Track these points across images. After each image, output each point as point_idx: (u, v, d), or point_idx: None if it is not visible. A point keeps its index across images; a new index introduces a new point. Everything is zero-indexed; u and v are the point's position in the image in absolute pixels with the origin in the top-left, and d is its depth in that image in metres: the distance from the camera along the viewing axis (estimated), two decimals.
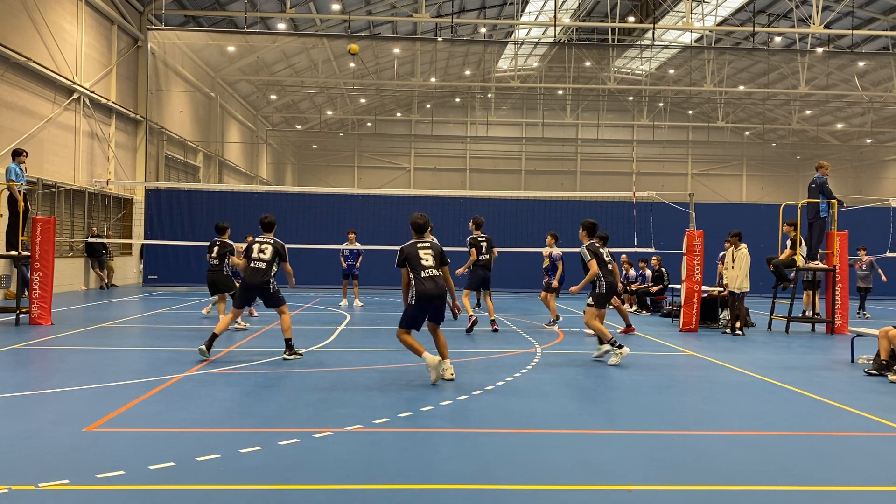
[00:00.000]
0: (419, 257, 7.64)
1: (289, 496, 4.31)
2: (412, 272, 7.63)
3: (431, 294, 7.60)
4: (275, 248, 9.22)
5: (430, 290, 7.60)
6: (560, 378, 8.26)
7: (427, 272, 7.63)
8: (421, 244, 7.78)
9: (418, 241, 7.82)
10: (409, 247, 7.76)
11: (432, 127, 48.01)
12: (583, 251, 9.54)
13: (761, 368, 9.12)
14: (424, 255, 7.67)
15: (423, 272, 7.61)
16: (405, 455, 5.10)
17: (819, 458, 5.33)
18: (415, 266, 7.62)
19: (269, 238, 9.37)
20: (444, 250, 7.94)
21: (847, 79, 38.71)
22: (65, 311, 14.48)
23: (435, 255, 7.74)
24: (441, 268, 7.75)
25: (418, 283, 7.58)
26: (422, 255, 7.66)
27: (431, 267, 7.67)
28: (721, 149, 50.62)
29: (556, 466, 4.96)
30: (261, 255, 9.10)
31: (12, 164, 12.49)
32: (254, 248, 9.16)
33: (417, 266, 7.61)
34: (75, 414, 6.09)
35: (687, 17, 27.46)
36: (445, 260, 7.79)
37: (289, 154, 51.06)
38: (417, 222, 7.93)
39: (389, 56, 38.46)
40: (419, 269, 7.61)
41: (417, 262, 7.63)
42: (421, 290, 7.58)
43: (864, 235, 19.89)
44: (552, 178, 48.36)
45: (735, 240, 13.25)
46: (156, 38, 26.30)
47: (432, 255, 7.72)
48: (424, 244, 7.78)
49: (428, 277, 7.61)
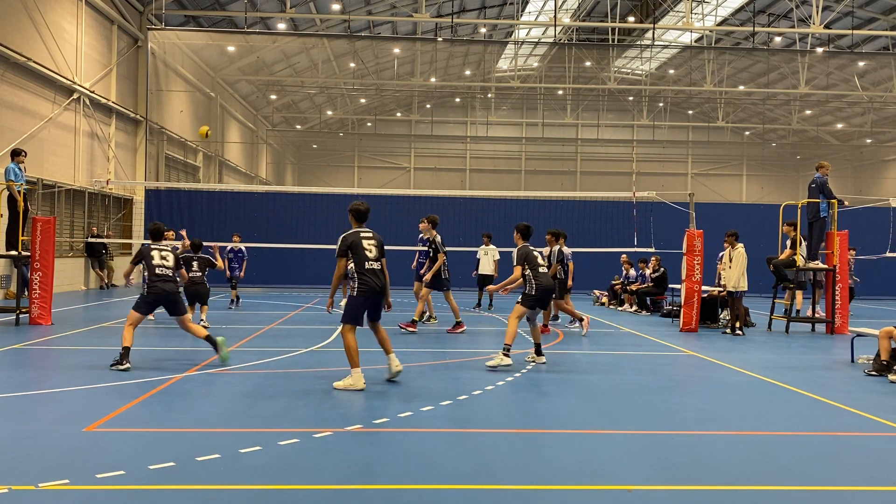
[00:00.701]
0: (364, 247, 7.37)
1: (289, 496, 4.31)
2: (355, 263, 7.36)
3: (375, 287, 7.36)
4: (174, 255, 8.83)
5: (374, 282, 7.35)
6: (560, 378, 8.26)
7: (370, 264, 7.37)
8: (364, 234, 7.49)
9: (361, 231, 7.51)
10: (352, 235, 7.44)
11: (432, 127, 48.01)
12: (514, 254, 9.31)
13: (761, 368, 9.12)
14: (368, 245, 7.40)
15: (367, 263, 7.35)
16: (405, 455, 5.10)
17: (819, 458, 5.33)
18: (359, 256, 7.34)
19: (166, 245, 9.02)
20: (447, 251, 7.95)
21: (847, 79, 38.70)
22: (65, 311, 14.48)
23: (378, 246, 7.50)
24: (382, 259, 7.54)
25: (361, 274, 7.31)
26: (366, 244, 7.39)
27: (375, 259, 7.42)
28: (721, 149, 50.61)
29: (556, 466, 4.96)
30: (164, 263, 8.60)
31: (11, 165, 12.49)
32: (155, 256, 8.61)
33: (362, 256, 7.34)
34: (75, 414, 6.09)
35: (687, 17, 27.46)
36: (384, 252, 7.59)
37: (289, 154, 51.05)
38: (360, 209, 7.61)
39: (389, 56, 38.46)
40: (364, 260, 7.33)
41: (362, 251, 7.35)
42: (364, 281, 7.33)
43: (865, 235, 19.91)
44: (552, 178, 48.36)
45: (731, 239, 13.24)
46: (156, 38, 26.30)
47: (375, 246, 7.47)
48: (367, 234, 7.52)
49: (371, 270, 7.37)
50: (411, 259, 18.32)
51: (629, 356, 10.11)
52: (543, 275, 9.07)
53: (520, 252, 9.13)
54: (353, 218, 7.59)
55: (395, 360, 7.67)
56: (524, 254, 9.09)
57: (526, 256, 9.05)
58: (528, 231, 9.36)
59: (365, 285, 7.34)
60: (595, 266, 21.75)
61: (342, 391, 7.20)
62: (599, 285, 20.92)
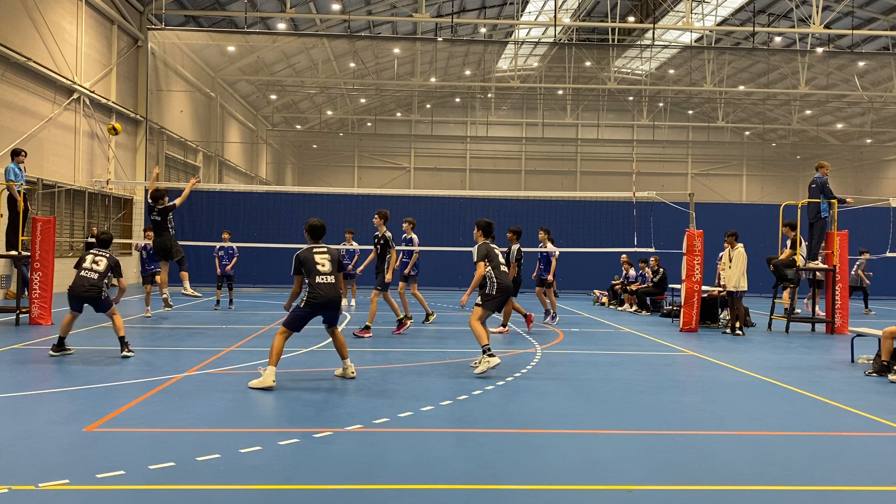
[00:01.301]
0: (315, 262, 7.60)
1: (289, 496, 4.31)
2: (307, 278, 7.60)
3: (325, 298, 7.53)
4: (108, 263, 9.40)
5: (324, 294, 7.52)
6: (560, 378, 8.25)
7: (322, 277, 7.57)
8: (317, 249, 7.72)
9: (314, 247, 7.76)
10: (304, 252, 7.70)
11: (432, 127, 48.00)
12: (473, 252, 8.88)
13: (761, 368, 9.12)
14: (321, 259, 7.63)
15: (318, 277, 7.55)
16: (405, 455, 5.10)
17: (819, 458, 5.33)
18: (310, 271, 7.57)
19: (106, 252, 9.56)
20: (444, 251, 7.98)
21: (847, 79, 38.70)
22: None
23: (332, 261, 7.69)
24: (337, 273, 7.70)
25: (312, 288, 7.54)
26: (318, 259, 7.62)
27: (328, 273, 7.60)
28: (721, 149, 50.60)
29: (556, 466, 4.96)
30: (94, 266, 9.29)
31: (11, 164, 12.49)
32: (87, 259, 9.34)
33: (313, 271, 7.56)
34: (75, 414, 6.09)
35: (687, 17, 27.46)
36: (342, 265, 7.80)
37: (289, 154, 51.05)
38: (314, 226, 7.87)
39: (389, 56, 38.45)
40: (315, 274, 7.56)
41: (313, 266, 7.58)
42: (314, 294, 7.51)
43: (865, 235, 19.91)
44: (552, 178, 48.35)
45: (731, 239, 13.25)
46: (156, 38, 26.30)
47: (329, 260, 7.67)
48: (321, 249, 7.74)
49: (323, 283, 7.55)
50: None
51: (629, 356, 10.11)
52: (504, 274, 8.74)
53: (480, 248, 8.79)
54: (309, 235, 7.85)
55: (350, 365, 7.90)
56: (486, 250, 8.75)
57: (487, 253, 8.73)
58: (490, 228, 9.03)
59: (315, 298, 7.51)
60: (595, 266, 21.77)
61: (342, 391, 7.19)
62: (599, 285, 20.93)
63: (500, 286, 8.60)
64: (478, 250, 8.74)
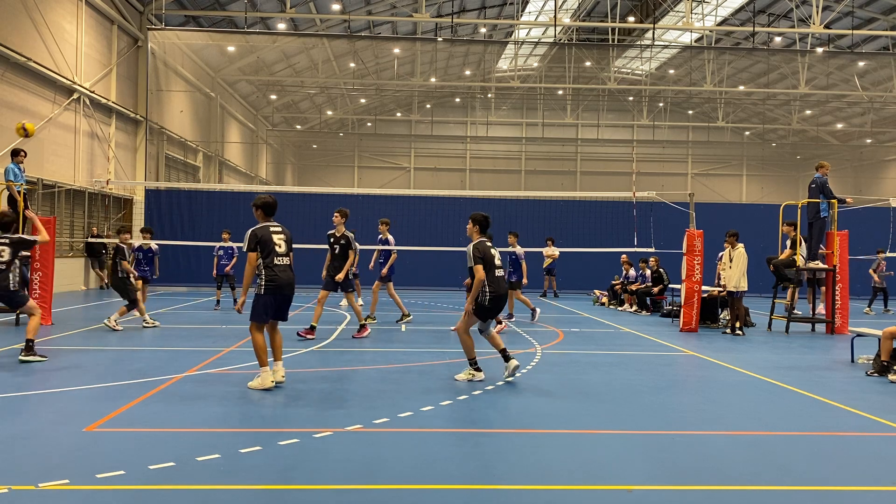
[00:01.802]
0: (273, 241, 7.10)
1: (289, 496, 4.31)
2: (264, 258, 7.07)
3: (284, 281, 7.10)
4: (12, 247, 8.60)
5: (284, 278, 7.10)
6: (560, 378, 8.25)
7: (280, 259, 7.11)
8: (273, 228, 7.23)
9: (270, 225, 7.25)
10: (261, 229, 7.15)
11: (432, 127, 48.01)
12: (468, 252, 7.73)
13: (761, 368, 9.12)
14: (278, 239, 7.14)
15: (277, 258, 7.08)
16: (405, 455, 5.10)
17: (819, 458, 5.33)
18: (268, 251, 7.05)
19: (6, 238, 8.73)
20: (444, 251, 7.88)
21: (847, 79, 38.70)
22: (65, 311, 14.48)
23: (287, 241, 7.25)
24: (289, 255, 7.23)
25: (269, 270, 7.03)
26: (275, 239, 7.13)
27: (284, 254, 7.15)
28: (721, 149, 50.61)
29: (556, 466, 4.96)
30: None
31: (11, 164, 12.49)
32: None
33: (271, 251, 7.06)
34: (75, 414, 6.09)
35: (687, 17, 27.46)
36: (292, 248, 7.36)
37: (289, 154, 51.06)
38: (268, 203, 7.30)
39: (389, 56, 38.45)
40: (273, 254, 7.06)
41: (272, 246, 7.08)
42: (272, 277, 7.03)
43: (865, 235, 19.90)
44: (552, 178, 48.35)
45: (732, 240, 13.24)
46: (156, 38, 26.30)
47: (284, 241, 7.21)
48: (276, 228, 7.26)
49: (281, 265, 7.11)
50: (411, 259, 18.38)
51: (629, 356, 10.11)
52: (500, 280, 7.70)
53: (476, 249, 7.65)
54: (262, 212, 7.30)
55: (281, 370, 7.38)
56: (482, 251, 7.63)
57: (483, 254, 7.62)
58: (487, 222, 7.91)
59: (273, 282, 7.06)
60: (595, 266, 21.77)
61: (342, 391, 7.19)
62: (599, 285, 20.93)
63: (493, 295, 7.59)
64: (473, 251, 7.65)
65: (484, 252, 7.67)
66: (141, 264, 14.05)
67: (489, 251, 7.71)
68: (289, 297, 7.27)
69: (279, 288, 7.08)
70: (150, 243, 14.05)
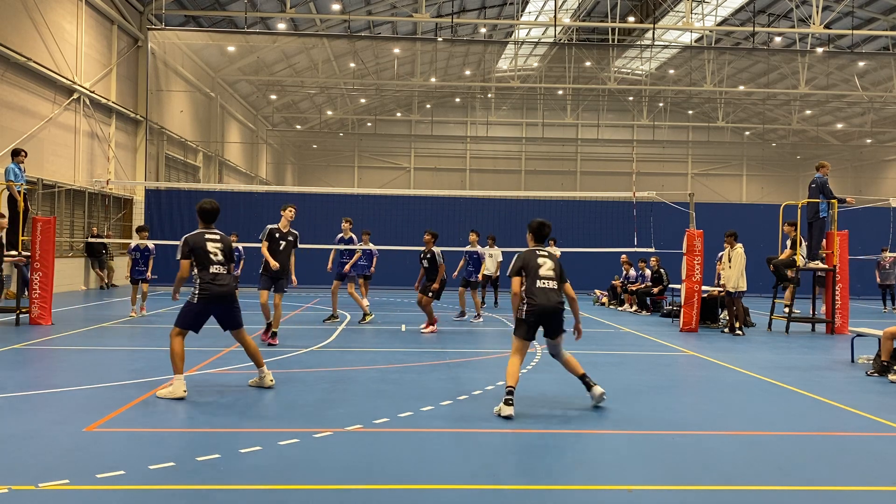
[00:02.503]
0: (208, 250, 6.83)
1: (289, 496, 4.31)
2: (197, 268, 6.83)
3: (219, 293, 6.80)
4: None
5: (218, 289, 6.81)
6: (560, 378, 8.25)
7: (216, 267, 6.84)
8: (210, 235, 6.97)
9: (206, 232, 7.00)
10: (195, 237, 6.91)
11: (432, 127, 48.01)
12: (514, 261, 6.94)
13: (761, 368, 9.12)
14: (213, 248, 6.87)
15: (212, 267, 6.81)
16: (405, 455, 5.10)
17: (819, 458, 5.33)
18: (201, 261, 6.81)
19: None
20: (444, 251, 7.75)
21: (847, 79, 38.70)
22: (65, 311, 14.48)
23: (224, 250, 6.95)
24: (229, 265, 6.96)
25: (202, 279, 6.79)
26: (209, 247, 6.86)
27: (220, 263, 6.87)
28: (721, 149, 50.61)
29: (556, 466, 4.96)
30: None
31: (11, 164, 12.49)
32: None
33: (206, 259, 6.80)
34: (75, 414, 6.09)
35: (687, 17, 27.46)
36: (233, 257, 7.02)
37: (289, 154, 51.06)
38: (205, 209, 7.05)
39: (389, 56, 38.45)
40: (208, 263, 6.81)
41: (206, 254, 6.81)
42: (205, 287, 6.76)
43: (865, 235, 19.92)
44: (552, 178, 48.36)
45: (731, 240, 13.25)
46: (156, 38, 26.30)
47: (221, 250, 6.92)
48: (213, 235, 7.00)
49: (217, 274, 6.82)
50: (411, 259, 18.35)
51: (629, 356, 10.11)
52: (542, 291, 6.69)
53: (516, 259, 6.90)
54: (200, 218, 7.07)
55: (268, 373, 7.20)
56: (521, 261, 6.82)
57: (523, 264, 6.80)
58: (542, 230, 7.06)
59: (207, 291, 6.78)
60: (595, 266, 21.76)
61: (342, 391, 7.19)
62: (600, 285, 20.93)
63: (532, 308, 6.65)
64: (514, 260, 6.93)
65: (524, 262, 6.82)
66: (138, 264, 13.95)
67: (532, 261, 6.81)
68: (227, 308, 6.92)
69: (213, 298, 6.78)
70: (147, 243, 14.04)
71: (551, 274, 6.78)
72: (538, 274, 6.74)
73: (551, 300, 6.70)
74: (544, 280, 6.74)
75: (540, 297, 6.66)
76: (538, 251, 6.91)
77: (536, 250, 6.92)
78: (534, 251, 6.90)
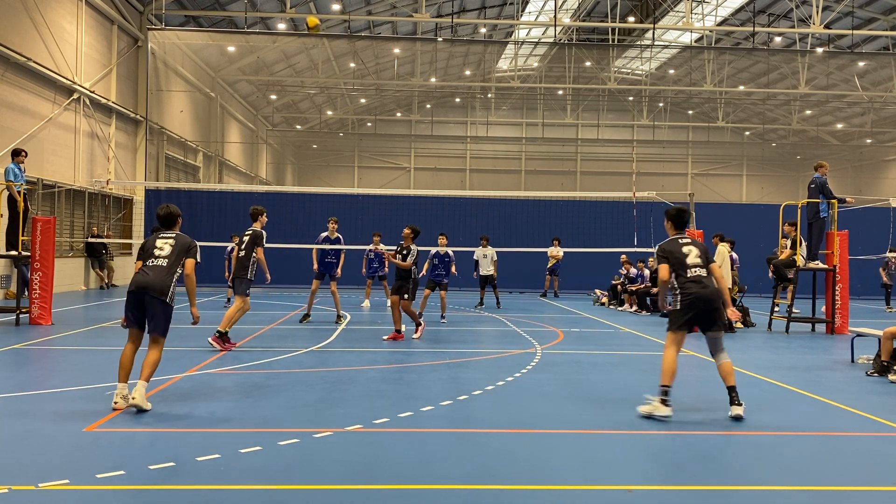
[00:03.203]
0: (154, 246, 6.67)
1: (289, 496, 4.31)
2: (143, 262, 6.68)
3: (141, 283, 6.42)
4: None
5: (138, 277, 6.48)
6: (560, 378, 8.25)
7: (154, 261, 6.57)
8: (163, 235, 6.80)
9: (161, 233, 6.85)
10: (149, 239, 6.86)
11: (432, 127, 48.01)
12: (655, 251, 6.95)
13: (761, 368, 9.12)
14: (161, 243, 6.67)
15: (151, 261, 6.58)
16: (405, 455, 5.10)
17: (819, 458, 5.33)
18: (146, 256, 6.65)
19: None
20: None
21: (847, 79, 38.70)
22: (65, 311, 14.48)
23: (174, 246, 6.65)
24: (175, 260, 6.62)
25: (140, 271, 6.57)
26: (158, 243, 6.68)
27: (160, 256, 6.59)
28: (721, 149, 50.62)
29: (556, 466, 4.96)
30: None
31: (11, 165, 12.49)
32: None
33: (149, 256, 6.63)
34: (75, 414, 6.09)
35: (687, 17, 27.46)
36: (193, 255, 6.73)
37: (289, 154, 51.06)
38: (159, 214, 6.94)
39: (389, 56, 38.45)
40: (148, 258, 6.62)
41: (150, 251, 6.65)
42: (135, 278, 6.52)
43: (865, 235, 19.92)
44: (552, 178, 48.36)
45: (716, 240, 13.62)
46: (156, 38, 26.30)
47: (170, 245, 6.66)
48: (168, 234, 6.79)
49: (149, 265, 6.55)
50: None
51: (629, 356, 10.11)
52: (694, 281, 6.51)
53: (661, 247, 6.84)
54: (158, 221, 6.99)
55: (139, 389, 6.24)
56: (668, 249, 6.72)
57: (670, 253, 6.67)
58: (682, 217, 6.99)
59: (133, 281, 6.54)
60: (595, 266, 21.77)
61: (342, 391, 7.19)
62: (600, 285, 20.93)
63: (686, 299, 6.50)
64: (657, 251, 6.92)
65: (670, 250, 6.71)
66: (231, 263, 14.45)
67: (677, 249, 6.69)
68: (139, 300, 6.44)
69: (135, 289, 6.45)
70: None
71: (698, 261, 6.63)
72: (686, 262, 6.61)
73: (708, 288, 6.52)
74: (694, 269, 6.60)
75: (693, 287, 6.51)
76: (682, 240, 6.80)
77: (680, 238, 6.82)
78: (677, 240, 6.79)
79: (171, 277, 6.50)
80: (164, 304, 6.43)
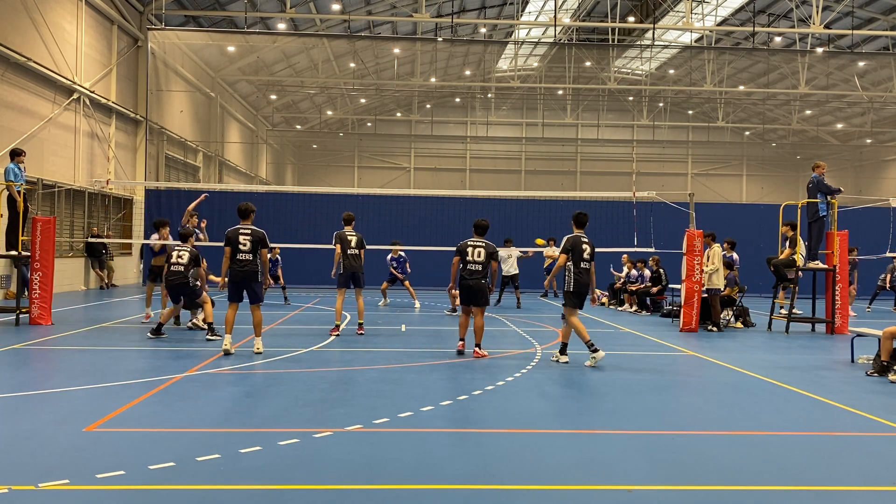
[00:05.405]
0: (238, 241, 9.49)
1: (289, 496, 4.31)
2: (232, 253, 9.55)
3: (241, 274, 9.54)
4: None
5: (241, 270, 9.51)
6: (560, 378, 8.25)
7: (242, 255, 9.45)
8: (242, 229, 9.56)
9: (242, 226, 9.64)
10: (234, 230, 9.60)
11: (432, 127, 48.01)
12: None
13: (761, 368, 9.12)
14: (244, 239, 9.46)
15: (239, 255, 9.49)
16: (405, 455, 5.10)
17: (819, 458, 5.33)
18: (233, 247, 9.44)
19: None
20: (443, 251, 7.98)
21: (847, 79, 38.70)
22: (65, 311, 14.48)
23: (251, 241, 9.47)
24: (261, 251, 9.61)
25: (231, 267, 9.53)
26: (241, 238, 9.46)
27: (247, 251, 9.46)
28: (721, 149, 50.62)
29: (556, 466, 4.96)
30: None
31: (11, 165, 12.48)
32: None
33: (235, 249, 9.44)
34: (75, 414, 6.09)
35: (687, 17, 27.46)
36: (265, 245, 9.51)
37: (289, 154, 51.05)
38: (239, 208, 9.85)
39: (389, 56, 38.46)
40: (235, 252, 9.46)
41: (236, 244, 9.45)
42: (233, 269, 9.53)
43: (865, 235, 19.91)
44: (552, 178, 48.36)
45: (709, 240, 13.73)
46: (156, 38, 26.29)
47: (250, 241, 9.49)
48: (246, 230, 9.54)
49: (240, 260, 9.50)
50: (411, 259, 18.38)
51: (629, 356, 10.11)
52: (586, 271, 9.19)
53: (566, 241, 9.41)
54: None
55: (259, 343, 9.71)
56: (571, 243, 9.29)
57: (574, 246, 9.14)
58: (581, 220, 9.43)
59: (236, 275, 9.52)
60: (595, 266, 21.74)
61: (342, 391, 7.19)
62: (600, 285, 20.92)
63: (577, 285, 9.10)
64: (564, 241, 9.17)
65: (574, 245, 9.11)
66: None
67: (580, 245, 9.11)
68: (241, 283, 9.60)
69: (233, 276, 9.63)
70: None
71: (588, 257, 9.13)
72: (583, 257, 9.07)
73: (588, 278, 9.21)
74: (585, 262, 9.10)
75: (584, 277, 9.12)
76: (582, 237, 9.12)
77: (581, 236, 9.12)
78: (578, 237, 9.11)
79: (255, 265, 9.35)
80: (258, 283, 9.45)
